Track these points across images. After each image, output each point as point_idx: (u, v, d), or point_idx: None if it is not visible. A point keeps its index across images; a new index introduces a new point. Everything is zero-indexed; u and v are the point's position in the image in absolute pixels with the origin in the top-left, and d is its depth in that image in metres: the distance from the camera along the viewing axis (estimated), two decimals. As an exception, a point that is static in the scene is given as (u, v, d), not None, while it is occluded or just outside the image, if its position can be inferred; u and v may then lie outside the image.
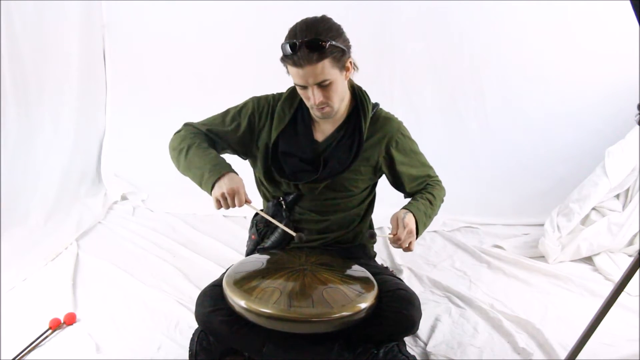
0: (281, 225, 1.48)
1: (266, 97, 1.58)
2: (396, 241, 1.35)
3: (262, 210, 1.51)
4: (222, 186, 1.33)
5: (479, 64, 2.85)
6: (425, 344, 1.58)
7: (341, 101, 1.44)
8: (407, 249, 1.36)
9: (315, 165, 1.51)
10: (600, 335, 1.23)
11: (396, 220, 1.38)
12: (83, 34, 2.87)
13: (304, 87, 1.37)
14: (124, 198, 2.88)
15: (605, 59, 2.69)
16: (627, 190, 2.28)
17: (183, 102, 3.06)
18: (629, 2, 0.91)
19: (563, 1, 2.64)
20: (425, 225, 1.46)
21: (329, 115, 1.43)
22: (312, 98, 1.37)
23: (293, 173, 1.52)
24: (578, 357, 1.18)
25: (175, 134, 1.57)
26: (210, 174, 1.36)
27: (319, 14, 1.39)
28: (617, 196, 2.30)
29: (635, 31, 2.39)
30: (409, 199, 1.56)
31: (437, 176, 1.64)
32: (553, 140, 2.83)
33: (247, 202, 1.36)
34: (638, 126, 1.08)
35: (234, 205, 1.33)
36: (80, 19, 2.84)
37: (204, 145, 1.46)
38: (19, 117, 2.48)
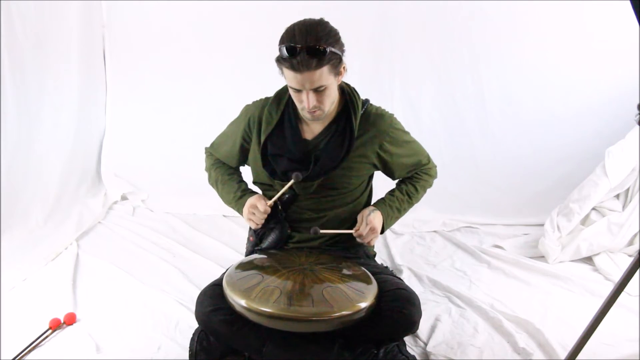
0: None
1: (256, 103, 1.62)
2: (358, 237, 1.54)
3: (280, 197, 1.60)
4: (245, 213, 1.59)
5: (479, 64, 2.85)
6: (425, 344, 1.58)
7: (332, 104, 1.45)
8: (368, 243, 1.56)
9: (306, 163, 1.52)
10: (600, 335, 1.23)
11: (361, 217, 1.56)
12: (83, 34, 2.87)
13: (298, 91, 1.38)
14: (124, 198, 2.88)
15: (605, 59, 2.69)
16: (627, 190, 2.28)
17: (183, 102, 3.06)
18: (628, 2, 0.91)
19: (563, 1, 2.63)
20: (396, 219, 1.64)
21: (319, 118, 1.45)
22: (305, 102, 1.38)
23: (284, 173, 1.53)
24: (578, 357, 1.18)
25: (205, 161, 1.82)
26: (237, 210, 1.64)
27: (319, 14, 1.39)
28: (617, 196, 2.30)
29: (635, 31, 2.39)
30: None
31: (428, 163, 1.69)
32: (553, 140, 2.82)
33: (269, 206, 1.55)
34: (638, 126, 1.08)
35: (261, 217, 1.56)
36: (80, 19, 2.84)
37: (226, 177, 1.71)
38: (19, 116, 2.48)
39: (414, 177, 1.67)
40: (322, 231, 1.51)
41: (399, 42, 2.86)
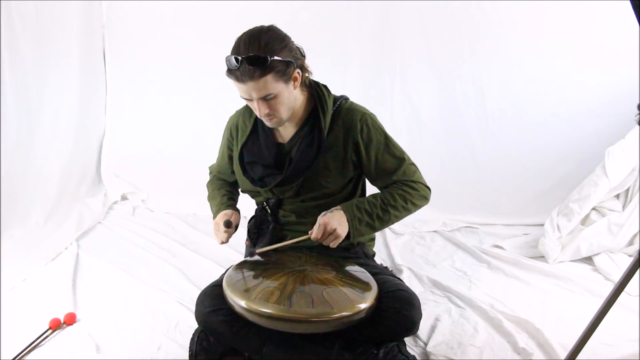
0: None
1: (237, 111, 1.64)
2: (315, 240, 1.41)
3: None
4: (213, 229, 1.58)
5: (479, 64, 2.85)
6: (425, 344, 1.58)
7: (289, 110, 1.43)
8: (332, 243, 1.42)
9: (281, 168, 1.51)
10: (600, 335, 1.23)
11: (317, 220, 1.42)
12: (83, 34, 2.87)
13: (250, 100, 1.37)
14: (124, 198, 2.89)
15: (605, 59, 2.69)
16: (627, 190, 2.28)
17: (183, 102, 3.07)
18: (628, 2, 0.91)
19: (563, 1, 2.64)
20: (368, 225, 1.44)
21: (277, 124, 1.44)
22: (257, 110, 1.38)
23: (260, 179, 1.53)
24: (578, 357, 1.18)
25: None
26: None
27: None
28: (617, 196, 2.30)
29: (635, 31, 2.39)
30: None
31: (413, 176, 1.51)
32: (553, 140, 2.82)
33: (227, 230, 1.51)
34: (638, 126, 1.08)
35: (221, 235, 1.51)
36: (80, 19, 2.84)
37: (215, 193, 1.69)
38: (19, 116, 2.48)
39: (393, 186, 1.50)
40: (259, 251, 1.47)
41: (400, 41, 2.86)
